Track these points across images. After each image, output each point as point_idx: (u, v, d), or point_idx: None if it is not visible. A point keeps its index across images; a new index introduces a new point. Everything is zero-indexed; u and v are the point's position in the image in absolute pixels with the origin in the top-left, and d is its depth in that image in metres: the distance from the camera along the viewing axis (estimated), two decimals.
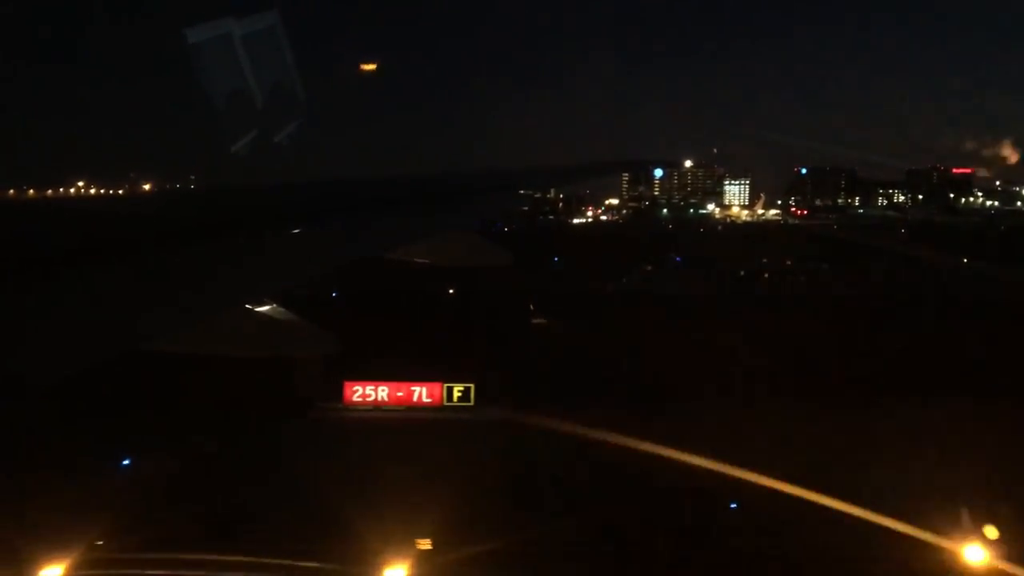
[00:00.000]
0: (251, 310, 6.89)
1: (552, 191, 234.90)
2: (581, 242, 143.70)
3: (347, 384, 46.15)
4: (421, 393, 47.03)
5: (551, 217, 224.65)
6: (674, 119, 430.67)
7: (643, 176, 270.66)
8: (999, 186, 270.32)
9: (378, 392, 46.83)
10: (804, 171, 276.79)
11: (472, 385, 46.81)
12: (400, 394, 47.02)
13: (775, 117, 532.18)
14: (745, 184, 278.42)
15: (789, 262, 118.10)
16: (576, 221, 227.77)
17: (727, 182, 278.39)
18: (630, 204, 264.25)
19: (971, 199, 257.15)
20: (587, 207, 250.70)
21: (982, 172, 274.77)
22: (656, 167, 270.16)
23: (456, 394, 46.86)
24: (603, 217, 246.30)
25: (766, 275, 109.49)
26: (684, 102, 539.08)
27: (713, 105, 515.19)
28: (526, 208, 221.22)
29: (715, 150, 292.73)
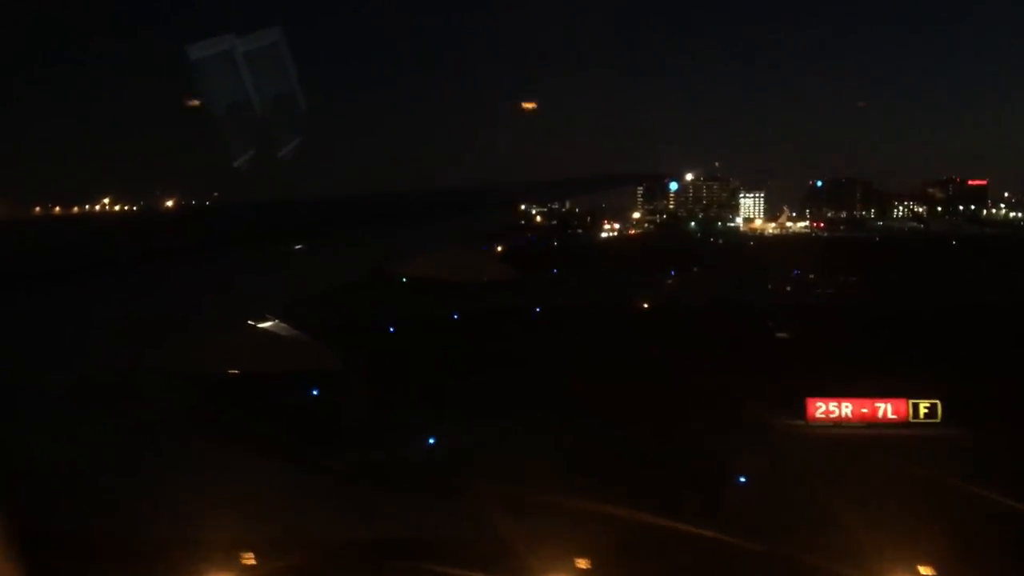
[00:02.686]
0: (254, 326, 6.80)
1: (568, 204, 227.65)
2: (650, 256, 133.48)
3: (810, 401, 45.26)
4: (886, 410, 45.63)
5: (579, 231, 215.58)
6: (682, 131, 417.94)
7: (658, 189, 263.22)
8: (1010, 197, 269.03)
9: (841, 408, 45.94)
10: (820, 183, 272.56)
11: (938, 402, 44.78)
12: (864, 411, 45.79)
13: (787, 128, 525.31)
14: (760, 197, 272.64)
15: None
16: (604, 235, 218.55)
17: (742, 195, 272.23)
18: (649, 218, 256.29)
19: (993, 210, 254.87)
20: (604, 220, 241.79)
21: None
22: (671, 180, 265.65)
23: (922, 411, 45.07)
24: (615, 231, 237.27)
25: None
26: (692, 113, 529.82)
27: (723, 117, 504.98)
28: (555, 222, 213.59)
29: (717, 163, 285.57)
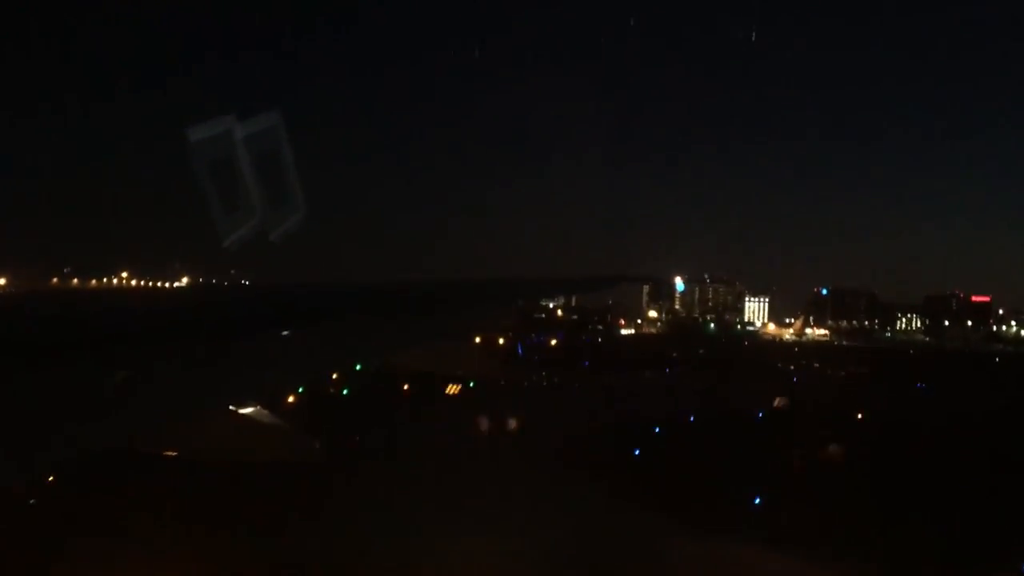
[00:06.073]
0: (236, 412, 6.61)
1: (574, 302, 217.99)
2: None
3: None
4: None
5: (600, 327, 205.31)
6: (684, 237, 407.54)
7: (664, 289, 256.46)
8: (1007, 315, 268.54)
9: None
10: (825, 291, 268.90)
11: None
12: None
13: (786, 236, 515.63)
14: (764, 301, 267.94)
15: None
16: (623, 332, 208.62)
17: (747, 298, 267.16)
18: (662, 317, 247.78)
19: (1003, 327, 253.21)
20: (616, 319, 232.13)
21: None
22: (678, 282, 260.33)
23: None
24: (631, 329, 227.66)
25: None
26: (694, 219, 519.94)
27: (723, 223, 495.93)
28: (575, 317, 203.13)
29: (706, 275, 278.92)
